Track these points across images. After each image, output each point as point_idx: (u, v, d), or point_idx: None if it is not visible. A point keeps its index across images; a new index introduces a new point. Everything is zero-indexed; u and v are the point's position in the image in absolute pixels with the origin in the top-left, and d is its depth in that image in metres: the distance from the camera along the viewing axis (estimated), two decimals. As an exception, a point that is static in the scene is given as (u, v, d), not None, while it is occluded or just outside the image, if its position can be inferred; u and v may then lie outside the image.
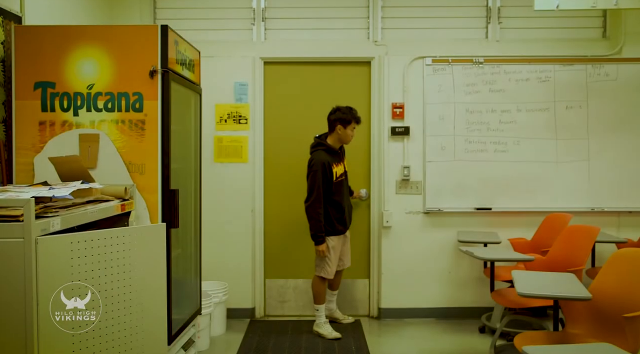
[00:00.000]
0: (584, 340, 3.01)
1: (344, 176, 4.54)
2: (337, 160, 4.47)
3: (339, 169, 4.47)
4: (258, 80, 5.01)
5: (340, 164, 4.50)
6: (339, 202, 4.47)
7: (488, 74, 4.96)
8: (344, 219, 4.54)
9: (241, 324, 4.83)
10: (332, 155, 4.45)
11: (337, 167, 4.43)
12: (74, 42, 3.11)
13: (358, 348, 4.26)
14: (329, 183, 4.39)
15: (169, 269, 3.04)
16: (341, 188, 4.49)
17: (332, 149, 4.46)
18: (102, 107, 3.11)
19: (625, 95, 4.93)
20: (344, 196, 4.53)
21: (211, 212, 4.75)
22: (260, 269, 5.06)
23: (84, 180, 2.79)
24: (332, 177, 4.39)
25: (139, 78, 3.10)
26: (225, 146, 4.97)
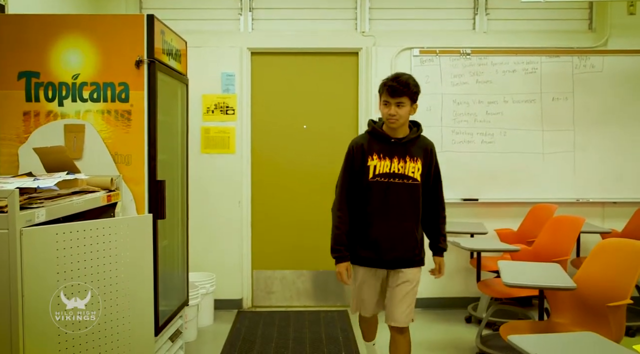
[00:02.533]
0: (568, 329, 3.04)
1: (397, 180, 2.96)
2: (388, 152, 2.97)
3: (384, 164, 2.96)
4: (245, 71, 4.98)
5: (392, 160, 2.97)
6: (371, 215, 2.98)
7: (475, 65, 4.97)
8: (377, 243, 2.98)
9: (229, 315, 4.83)
10: (381, 142, 3.00)
11: (382, 160, 2.97)
12: (59, 32, 3.07)
13: (345, 338, 4.28)
14: (356, 179, 3.02)
15: (156, 261, 3.03)
16: (383, 195, 2.96)
17: (383, 134, 3.00)
18: (87, 97, 3.08)
19: (611, 87, 4.96)
20: (386, 209, 2.97)
21: (198, 203, 4.74)
22: (247, 261, 5.05)
23: (69, 171, 2.77)
24: (363, 170, 2.98)
25: (125, 68, 3.07)
26: (212, 136, 4.94)
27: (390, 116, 2.90)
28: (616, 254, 3.07)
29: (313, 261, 5.13)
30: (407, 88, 2.86)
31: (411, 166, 2.96)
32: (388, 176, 2.95)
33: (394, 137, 2.98)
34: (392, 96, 2.87)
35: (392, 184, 2.95)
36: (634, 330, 4.26)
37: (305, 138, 5.09)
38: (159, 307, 3.13)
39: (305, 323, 4.64)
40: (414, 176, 2.97)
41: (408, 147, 2.98)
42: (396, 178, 2.95)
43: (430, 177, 3.06)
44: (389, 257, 2.98)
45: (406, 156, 2.97)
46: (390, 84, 2.89)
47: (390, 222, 2.96)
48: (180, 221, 3.86)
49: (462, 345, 4.14)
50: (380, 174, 2.96)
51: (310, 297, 5.15)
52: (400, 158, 2.97)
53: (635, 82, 4.96)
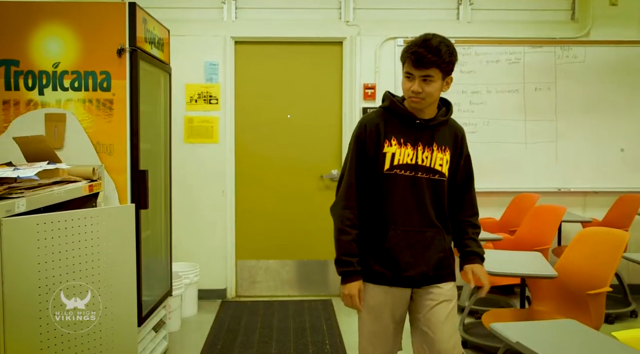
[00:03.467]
0: (549, 317, 3.08)
1: (421, 174, 2.22)
2: (410, 136, 2.22)
3: (406, 153, 2.21)
4: (229, 60, 4.95)
5: (416, 147, 2.22)
6: (386, 218, 2.23)
7: (459, 55, 4.94)
8: (394, 255, 2.22)
9: (213, 305, 4.82)
10: (402, 123, 2.23)
11: (402, 147, 2.20)
12: (39, 19, 3.03)
13: (329, 327, 4.30)
14: (370, 169, 2.25)
15: (139, 251, 3.01)
16: (402, 193, 2.22)
17: (405, 112, 2.23)
18: (68, 86, 3.04)
19: (593, 77, 5.00)
20: (407, 211, 2.23)
21: (182, 193, 4.72)
22: (231, 250, 5.05)
23: (50, 160, 2.74)
24: (377, 158, 2.22)
25: (107, 57, 3.03)
26: (195, 126, 4.91)
27: (413, 93, 2.13)
28: (596, 243, 3.12)
29: (297, 250, 5.14)
30: (437, 56, 2.08)
31: (439, 157, 2.22)
32: (410, 169, 2.20)
33: (419, 118, 2.21)
34: (417, 66, 2.10)
35: (415, 180, 2.20)
36: (612, 317, 4.32)
37: (289, 128, 5.08)
38: (142, 297, 3.12)
39: (289, 312, 4.65)
40: (441, 170, 2.22)
41: (436, 133, 2.23)
42: (420, 171, 2.21)
43: (459, 173, 2.32)
44: (413, 272, 2.22)
45: (433, 143, 2.21)
46: (414, 51, 2.10)
47: (412, 228, 2.21)
48: (164, 210, 3.84)
49: (445, 333, 4.16)
50: (400, 165, 2.19)
51: (294, 287, 5.16)
52: (425, 146, 2.21)
53: (617, 72, 5.01)
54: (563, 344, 1.76)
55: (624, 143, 5.05)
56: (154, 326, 3.50)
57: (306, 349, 3.86)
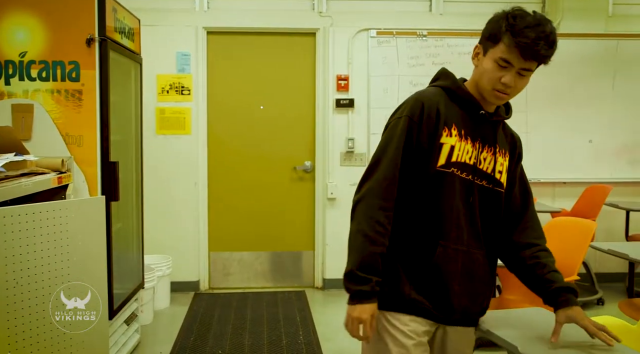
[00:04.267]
0: (519, 305, 3.13)
1: (481, 181, 1.76)
2: (472, 129, 1.76)
3: (465, 149, 1.73)
4: (201, 51, 4.90)
5: (476, 144, 1.75)
6: (436, 230, 1.72)
7: (432, 47, 5.00)
8: (445, 281, 1.73)
9: (186, 298, 4.80)
10: (464, 111, 1.77)
11: (463, 141, 1.73)
12: (4, 8, 2.96)
13: (303, 318, 4.31)
14: (416, 163, 1.73)
15: (110, 243, 2.98)
16: (459, 200, 1.73)
17: (469, 98, 1.78)
18: (36, 76, 2.98)
19: (563, 70, 5.07)
20: (462, 225, 1.74)
21: (154, 185, 4.67)
22: (204, 242, 5.02)
23: (17, 152, 2.69)
24: (431, 149, 1.72)
25: (75, 46, 2.98)
26: (167, 117, 4.86)
27: (503, 86, 1.67)
28: (565, 232, 3.17)
29: (271, 242, 5.13)
30: (552, 50, 1.68)
31: (499, 162, 1.77)
32: (468, 170, 1.71)
33: (484, 109, 1.76)
34: (525, 57, 1.63)
35: (472, 186, 1.73)
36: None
37: (262, 119, 5.06)
38: (114, 290, 3.09)
39: (263, 304, 4.65)
40: (500, 179, 1.77)
41: (498, 131, 1.80)
42: (478, 177, 1.73)
43: (516, 186, 1.85)
44: (458, 305, 1.73)
45: (496, 144, 1.77)
46: (529, 39, 1.62)
47: (462, 248, 1.72)
48: (135, 203, 3.81)
49: (417, 323, 4.20)
50: (458, 163, 1.70)
51: (268, 278, 5.16)
52: (486, 145, 1.75)
53: (586, 64, 5.09)
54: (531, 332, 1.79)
55: (592, 135, 5.14)
56: (126, 319, 3.47)
57: (280, 340, 3.86)
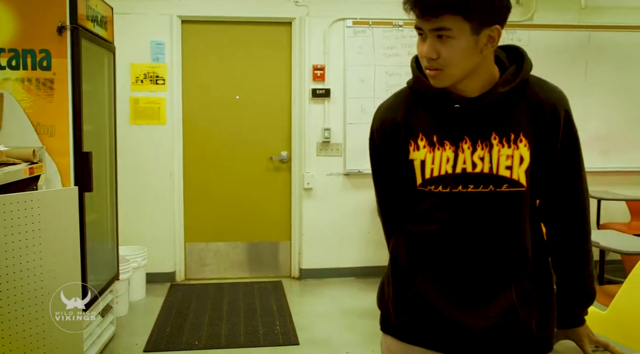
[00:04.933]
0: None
1: (472, 188, 1.37)
2: (447, 129, 1.39)
3: (443, 157, 1.38)
4: (176, 40, 4.85)
5: (459, 146, 1.37)
6: (417, 255, 1.47)
7: (407, 38, 5.01)
8: (432, 304, 1.43)
9: (162, 289, 4.77)
10: (434, 110, 1.42)
11: (436, 149, 1.39)
12: (-28, -6, 2.89)
13: (279, 308, 4.32)
14: (404, 182, 1.46)
15: (83, 235, 2.95)
16: (445, 221, 1.40)
17: (432, 91, 1.40)
18: (5, 64, 2.93)
19: (536, 60, 5.05)
20: (455, 249, 1.40)
21: (128, 175, 4.62)
22: (180, 233, 4.99)
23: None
24: (407, 170, 1.43)
25: (46, 34, 2.93)
26: (142, 107, 4.81)
27: (425, 59, 1.35)
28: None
29: (247, 232, 5.12)
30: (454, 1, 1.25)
31: (503, 155, 1.36)
32: (451, 182, 1.38)
33: (461, 96, 1.39)
34: (423, 14, 1.30)
35: (462, 198, 1.37)
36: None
37: (238, 109, 5.03)
38: (88, 282, 3.06)
39: (239, 294, 4.64)
40: (510, 176, 1.36)
41: (495, 115, 1.38)
42: (471, 183, 1.37)
43: (560, 170, 1.43)
44: (475, 325, 1.40)
45: (491, 133, 1.37)
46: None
47: (454, 278, 1.41)
48: (109, 194, 3.77)
49: (393, 312, 4.24)
50: (436, 178, 1.39)
51: (245, 268, 5.16)
52: (477, 141, 1.37)
53: (558, 55, 5.14)
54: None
55: (564, 125, 5.21)
56: (101, 311, 3.44)
57: (256, 330, 3.87)
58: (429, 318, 1.43)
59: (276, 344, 3.68)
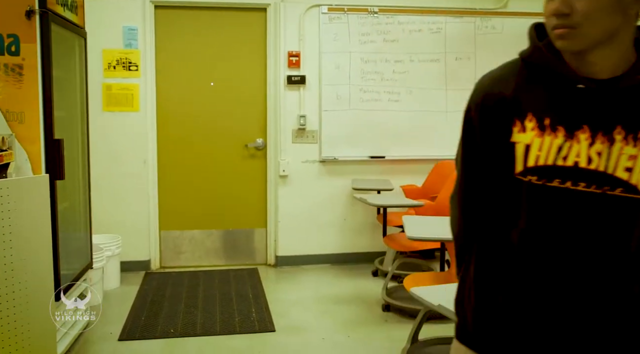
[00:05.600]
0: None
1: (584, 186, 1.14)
2: (564, 112, 1.16)
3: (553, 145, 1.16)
4: (149, 25, 4.77)
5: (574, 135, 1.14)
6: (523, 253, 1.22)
7: (383, 24, 5.01)
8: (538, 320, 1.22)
9: (136, 277, 4.73)
10: (551, 87, 1.20)
11: (546, 134, 1.17)
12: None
13: (255, 295, 4.32)
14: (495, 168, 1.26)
15: (55, 223, 2.90)
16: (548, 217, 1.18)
17: (555, 65, 1.22)
18: (-28, 49, 2.85)
19: (510, 48, 5.09)
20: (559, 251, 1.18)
21: (102, 163, 4.57)
22: (154, 221, 4.95)
23: (-46, 129, 2.58)
24: (505, 154, 1.22)
25: (14, 18, 2.85)
26: (114, 93, 4.74)
27: (556, 17, 1.20)
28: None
29: (223, 220, 5.10)
30: None
31: (627, 154, 1.13)
32: (560, 175, 1.16)
33: (585, 76, 1.18)
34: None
35: (567, 196, 1.17)
36: None
37: (213, 96, 4.99)
38: (60, 271, 3.02)
39: (214, 282, 4.63)
40: (628, 179, 1.13)
41: (624, 105, 1.15)
42: (582, 181, 1.15)
43: None
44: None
45: (615, 126, 1.14)
46: None
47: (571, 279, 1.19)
48: (82, 181, 3.71)
49: (369, 298, 4.28)
50: (540, 167, 1.18)
51: (220, 256, 5.14)
52: (596, 132, 1.15)
53: (532, 43, 5.18)
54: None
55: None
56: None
57: (232, 318, 3.87)
58: (515, 335, 1.25)
59: (252, 331, 3.68)
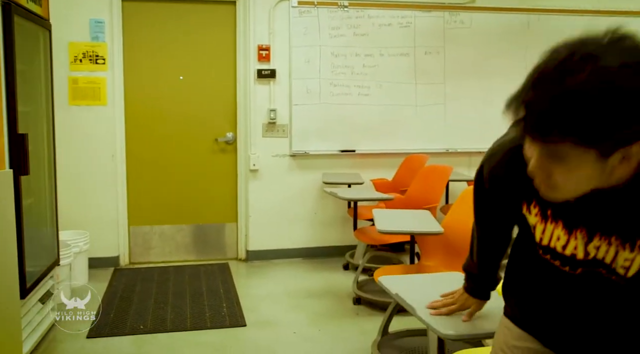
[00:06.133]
0: (436, 271, 3.24)
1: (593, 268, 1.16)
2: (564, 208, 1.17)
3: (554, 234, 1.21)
4: (116, 18, 4.70)
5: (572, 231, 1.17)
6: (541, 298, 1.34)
7: (353, 18, 5.01)
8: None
9: (105, 274, 4.67)
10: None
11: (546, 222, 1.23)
12: None
13: (226, 290, 4.30)
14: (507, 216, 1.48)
15: (20, 220, 2.84)
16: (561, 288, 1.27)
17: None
18: None
19: (478, 42, 5.22)
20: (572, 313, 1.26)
21: (68, 158, 4.49)
22: (123, 217, 4.89)
23: None
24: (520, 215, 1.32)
25: (-25, 10, 2.79)
26: (81, 87, 4.66)
27: (533, 173, 1.08)
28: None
29: (193, 215, 5.07)
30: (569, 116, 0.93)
31: (623, 257, 1.10)
32: (559, 259, 1.23)
33: None
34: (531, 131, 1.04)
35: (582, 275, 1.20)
36: None
37: (182, 90, 4.94)
38: (26, 268, 2.96)
39: (185, 277, 4.60)
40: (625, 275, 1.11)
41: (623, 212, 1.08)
42: (580, 268, 1.19)
43: None
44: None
45: (612, 234, 1.11)
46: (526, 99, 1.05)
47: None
48: (48, 177, 3.65)
49: (340, 292, 4.30)
50: (545, 246, 1.25)
51: (191, 251, 5.11)
52: (593, 233, 1.14)
53: (499, 37, 5.26)
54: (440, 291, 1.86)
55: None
56: (41, 298, 3.35)
57: (203, 313, 3.84)
58: (539, 324, 1.37)
59: (223, 326, 3.67)
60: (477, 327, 1.74)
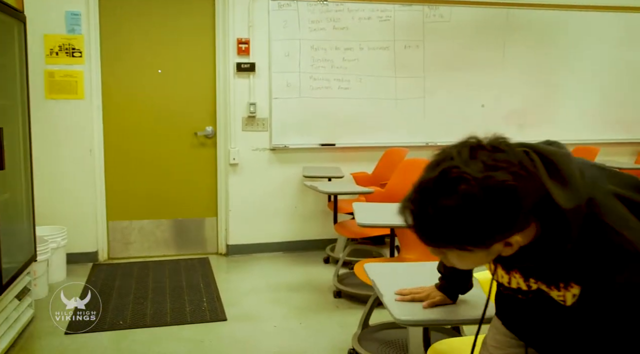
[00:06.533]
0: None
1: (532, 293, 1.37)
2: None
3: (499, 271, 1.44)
4: (93, 10, 4.64)
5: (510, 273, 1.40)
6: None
7: (332, 12, 5.00)
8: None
9: (84, 269, 4.63)
10: None
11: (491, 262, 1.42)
12: None
13: (206, 284, 4.28)
14: None
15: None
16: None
17: None
18: None
19: (457, 36, 5.25)
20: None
21: (45, 152, 4.44)
22: (102, 211, 4.84)
23: None
24: None
25: (-53, 2, 2.74)
26: (57, 81, 4.59)
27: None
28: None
29: (172, 209, 5.04)
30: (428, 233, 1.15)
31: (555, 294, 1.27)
32: (509, 290, 1.44)
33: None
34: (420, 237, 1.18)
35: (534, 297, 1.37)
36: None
37: (161, 83, 4.89)
38: (2, 265, 2.93)
39: (165, 272, 4.57)
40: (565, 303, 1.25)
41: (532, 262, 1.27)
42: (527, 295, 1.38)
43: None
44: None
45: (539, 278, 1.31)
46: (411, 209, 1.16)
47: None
48: (24, 171, 3.59)
49: (320, 285, 4.30)
50: (498, 282, 1.49)
51: (171, 246, 5.08)
52: (527, 277, 1.35)
53: (479, 31, 5.29)
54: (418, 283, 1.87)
55: (484, 99, 5.38)
56: (17, 294, 3.31)
57: (183, 308, 3.83)
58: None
59: (204, 320, 3.65)
60: (435, 313, 1.77)
